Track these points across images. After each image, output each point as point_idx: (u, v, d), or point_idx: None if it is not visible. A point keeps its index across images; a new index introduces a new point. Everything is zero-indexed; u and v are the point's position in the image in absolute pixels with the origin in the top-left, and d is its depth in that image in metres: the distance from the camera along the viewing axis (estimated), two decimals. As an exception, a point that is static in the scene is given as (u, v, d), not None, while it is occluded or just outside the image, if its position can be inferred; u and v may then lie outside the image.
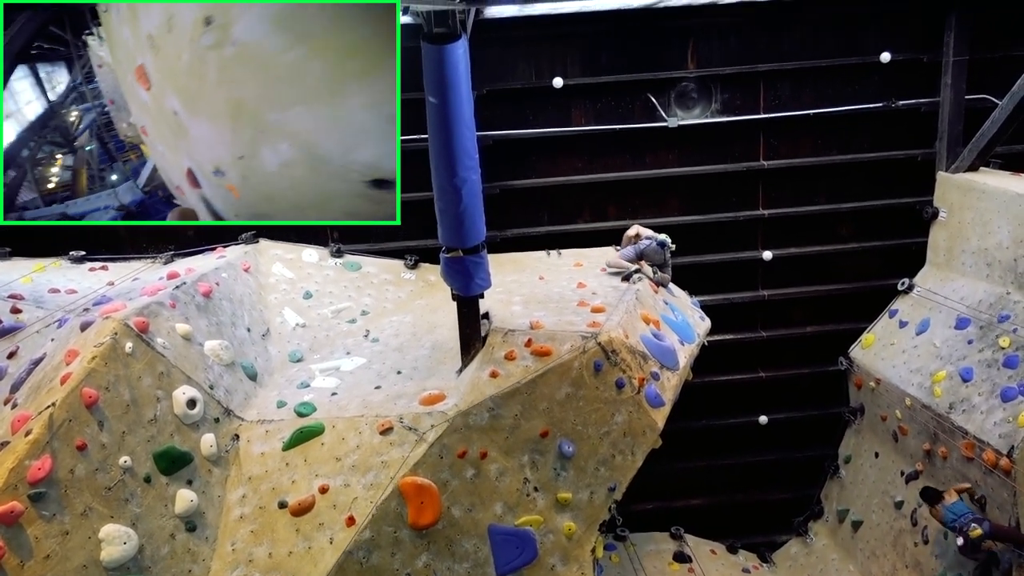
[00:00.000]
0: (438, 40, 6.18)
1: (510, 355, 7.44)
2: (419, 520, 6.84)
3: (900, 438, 10.19)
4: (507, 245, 11.12)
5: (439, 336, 8.79)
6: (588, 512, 7.40)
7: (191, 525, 6.83)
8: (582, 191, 11.36)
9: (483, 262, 7.39)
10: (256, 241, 10.26)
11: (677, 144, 11.24)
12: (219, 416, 7.43)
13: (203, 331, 7.85)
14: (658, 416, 7.57)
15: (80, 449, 6.23)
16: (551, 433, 7.30)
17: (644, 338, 7.94)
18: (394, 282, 10.58)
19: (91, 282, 9.04)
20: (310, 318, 9.61)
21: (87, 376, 6.41)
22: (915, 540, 9.57)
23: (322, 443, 7.30)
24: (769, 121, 11.19)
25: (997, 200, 9.81)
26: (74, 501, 6.14)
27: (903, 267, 11.29)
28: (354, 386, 8.09)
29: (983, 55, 10.74)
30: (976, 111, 10.69)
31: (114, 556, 6.21)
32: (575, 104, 11.01)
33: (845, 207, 11.56)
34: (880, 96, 11.08)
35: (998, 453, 8.14)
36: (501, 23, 10.22)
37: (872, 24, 10.85)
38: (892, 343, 10.71)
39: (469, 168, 6.77)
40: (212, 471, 7.18)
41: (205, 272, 8.62)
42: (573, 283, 9.35)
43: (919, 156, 11.28)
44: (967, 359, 9.35)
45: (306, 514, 6.94)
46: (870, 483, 10.82)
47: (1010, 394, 8.48)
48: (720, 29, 10.79)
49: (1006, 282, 9.57)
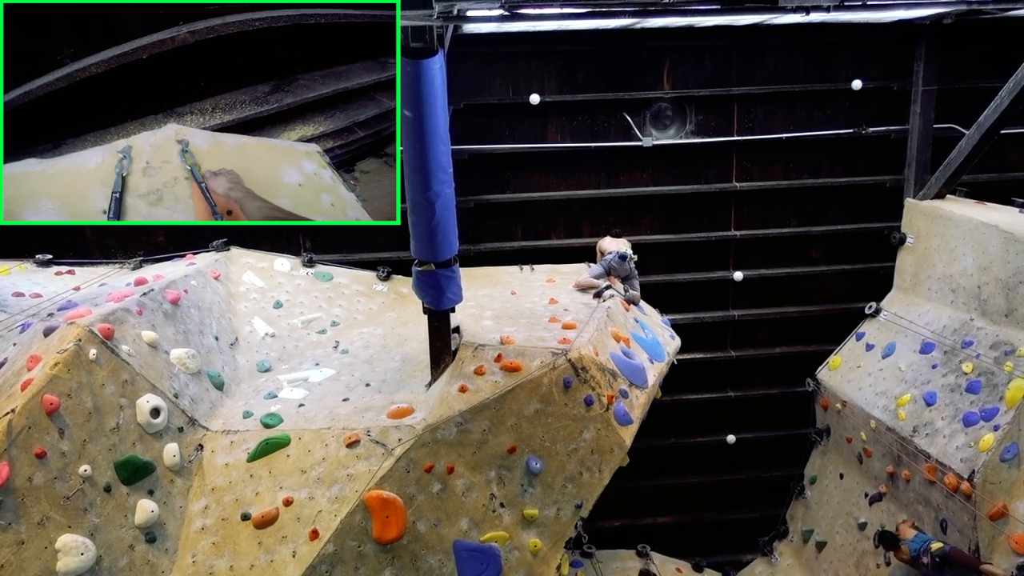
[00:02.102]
0: (415, 55, 6.20)
1: (480, 370, 7.43)
2: (384, 535, 6.78)
3: (865, 460, 10.30)
4: (480, 259, 11.13)
5: (409, 349, 8.77)
6: (554, 529, 7.39)
7: (151, 536, 6.72)
8: (556, 207, 11.41)
9: (455, 276, 7.39)
10: (227, 249, 10.18)
11: (651, 164, 11.35)
12: (183, 426, 7.33)
13: (170, 339, 7.76)
14: (626, 434, 7.59)
15: (39, 457, 6.11)
16: (519, 449, 7.29)
17: (614, 356, 7.97)
18: (366, 293, 10.54)
19: (57, 286, 8.90)
20: (280, 328, 9.54)
21: (49, 382, 6.30)
22: (878, 562, 9.64)
23: (288, 455, 7.23)
24: (742, 144, 11.34)
25: (963, 228, 9.99)
26: (31, 510, 6.02)
27: (871, 291, 11.46)
28: (322, 398, 8.03)
29: (951, 85, 10.99)
30: (944, 140, 10.91)
31: (71, 567, 6.08)
32: (551, 121, 11.08)
33: (815, 230, 11.73)
34: (851, 122, 11.29)
35: (959, 477, 8.25)
36: (479, 39, 10.26)
37: (844, 51, 11.06)
38: (858, 366, 10.84)
39: (443, 182, 6.78)
40: (174, 481, 7.08)
41: (174, 279, 8.53)
42: (545, 299, 9.38)
43: (888, 182, 11.49)
44: (931, 383, 9.49)
45: (269, 527, 6.85)
46: (835, 504, 10.92)
47: (972, 419, 8.61)
48: (696, 51, 10.93)
49: (970, 308, 9.73)
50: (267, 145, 6.60)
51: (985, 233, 9.58)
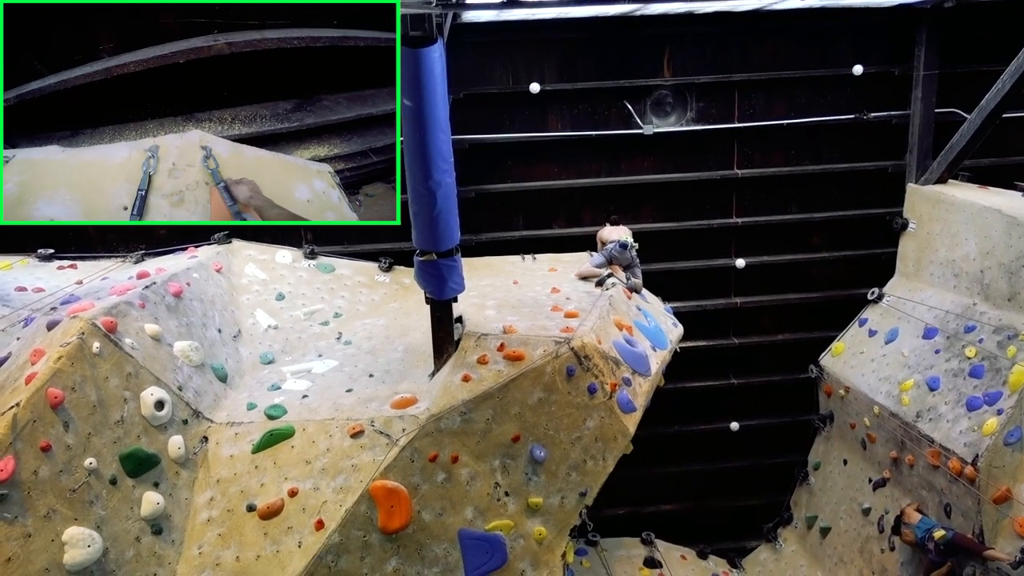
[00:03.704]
0: (414, 43, 6.18)
1: (483, 359, 7.43)
2: (389, 524, 6.80)
3: (868, 446, 10.31)
4: (482, 249, 11.12)
5: (412, 339, 8.77)
6: (559, 517, 7.40)
7: (157, 528, 6.74)
8: (557, 196, 11.39)
9: (457, 266, 7.38)
10: (229, 241, 10.17)
11: (652, 151, 11.32)
12: (188, 418, 7.35)
13: (173, 332, 7.77)
14: (630, 421, 7.59)
15: (44, 450, 6.12)
16: (523, 438, 7.30)
17: (617, 344, 7.97)
18: (368, 284, 10.53)
19: (59, 281, 8.92)
20: (282, 320, 9.54)
21: (53, 376, 6.31)
22: (882, 547, 9.68)
23: (292, 446, 7.24)
24: (743, 130, 11.30)
25: (965, 212, 9.97)
26: (37, 503, 6.04)
27: (873, 277, 11.44)
28: (325, 389, 8.04)
29: (953, 69, 10.94)
30: (945, 124, 10.88)
31: (77, 559, 6.10)
32: (551, 110, 11.05)
33: (817, 217, 11.70)
34: (852, 108, 11.25)
35: (963, 461, 8.26)
36: (479, 27, 10.23)
37: (845, 37, 11.01)
38: (861, 352, 10.84)
39: (444, 171, 6.76)
40: (179, 473, 7.10)
41: (176, 272, 8.53)
42: (547, 288, 9.37)
43: (889, 168, 11.46)
44: (934, 368, 9.48)
45: (275, 517, 6.88)
46: (838, 490, 10.94)
47: (975, 403, 8.61)
48: (696, 38, 10.89)
49: (973, 293, 9.72)
50: (282, 160, 6.65)
51: (987, 217, 9.56)
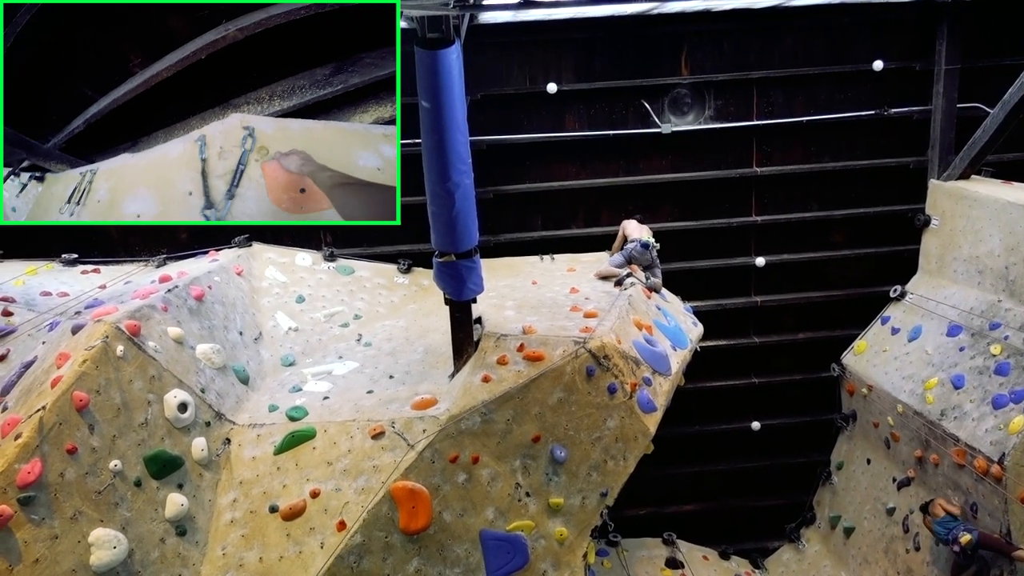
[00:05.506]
0: (432, 45, 6.19)
1: (502, 360, 7.44)
2: (410, 525, 6.83)
3: (892, 445, 10.21)
4: (500, 250, 11.13)
5: (432, 341, 8.79)
6: (580, 517, 7.40)
7: (181, 529, 6.81)
8: (575, 196, 11.37)
9: (476, 266, 7.39)
10: (249, 244, 10.24)
11: (670, 150, 11.26)
12: (210, 420, 7.41)
13: (195, 334, 7.84)
14: (650, 421, 7.57)
15: (70, 453, 6.20)
16: (543, 438, 7.30)
17: (637, 343, 7.95)
18: (387, 286, 10.57)
19: (83, 285, 9.01)
20: (303, 322, 9.59)
21: (78, 379, 6.39)
22: (907, 547, 9.59)
23: (314, 447, 7.29)
24: (762, 128, 11.22)
25: (988, 208, 9.85)
26: (64, 505, 6.11)
27: (895, 274, 11.32)
28: (346, 390, 8.08)
29: (974, 64, 10.79)
30: (968, 119, 10.72)
31: (104, 560, 6.18)
32: (569, 110, 11.02)
33: (837, 214, 11.60)
34: (872, 104, 11.12)
35: (989, 460, 8.16)
36: (495, 28, 10.23)
37: (864, 32, 10.89)
38: (884, 350, 10.74)
39: (462, 172, 6.78)
40: (203, 475, 7.16)
41: (197, 275, 8.59)
42: (566, 288, 9.36)
43: (911, 164, 11.33)
44: (959, 366, 9.38)
45: (297, 518, 6.93)
46: (862, 490, 10.84)
47: (1001, 401, 8.51)
48: (713, 36, 10.82)
49: (997, 290, 9.60)
50: (335, 128, 6.52)
51: (1012, 213, 9.44)
